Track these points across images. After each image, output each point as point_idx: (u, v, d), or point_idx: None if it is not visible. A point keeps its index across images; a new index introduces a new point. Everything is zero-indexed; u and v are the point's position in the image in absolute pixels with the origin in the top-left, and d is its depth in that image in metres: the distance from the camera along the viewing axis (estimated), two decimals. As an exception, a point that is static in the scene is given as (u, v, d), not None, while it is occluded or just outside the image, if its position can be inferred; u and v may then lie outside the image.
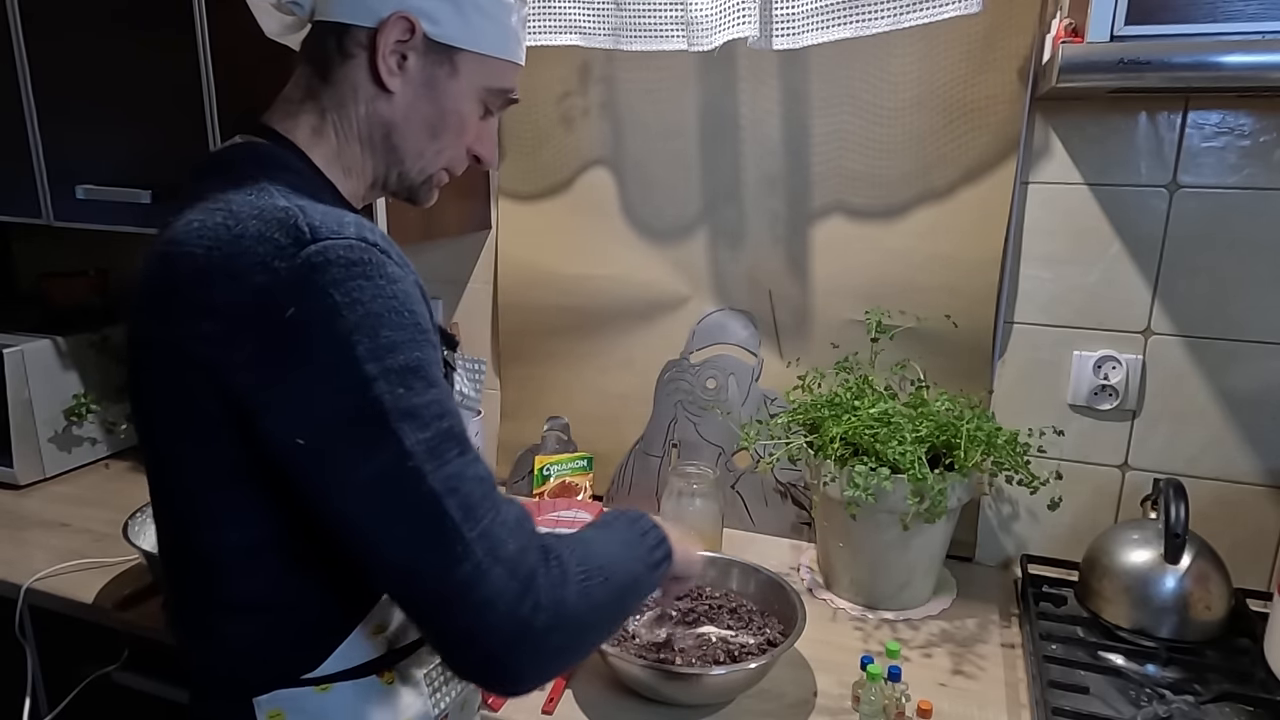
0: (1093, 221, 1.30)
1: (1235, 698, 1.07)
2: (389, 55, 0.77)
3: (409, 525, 0.66)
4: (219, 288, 0.67)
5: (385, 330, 0.66)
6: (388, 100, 0.80)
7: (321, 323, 0.65)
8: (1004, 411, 1.37)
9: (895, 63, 1.32)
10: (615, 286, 1.57)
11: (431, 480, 0.66)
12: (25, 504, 1.62)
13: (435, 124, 0.82)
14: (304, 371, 0.65)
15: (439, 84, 0.80)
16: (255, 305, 0.65)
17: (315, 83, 0.80)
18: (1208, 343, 1.28)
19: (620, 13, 1.34)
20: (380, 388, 0.65)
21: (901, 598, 1.29)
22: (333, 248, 0.66)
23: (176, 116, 1.40)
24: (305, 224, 0.67)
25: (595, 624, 0.74)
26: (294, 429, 0.66)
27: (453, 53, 0.80)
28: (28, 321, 1.80)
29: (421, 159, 0.84)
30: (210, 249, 0.68)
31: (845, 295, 1.43)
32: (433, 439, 0.66)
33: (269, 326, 0.65)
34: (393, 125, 0.81)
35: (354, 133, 0.81)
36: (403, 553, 0.66)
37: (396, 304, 0.67)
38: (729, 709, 1.07)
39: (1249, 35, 0.90)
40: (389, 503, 0.66)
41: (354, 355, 0.65)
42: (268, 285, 0.65)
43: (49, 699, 1.40)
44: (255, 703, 0.75)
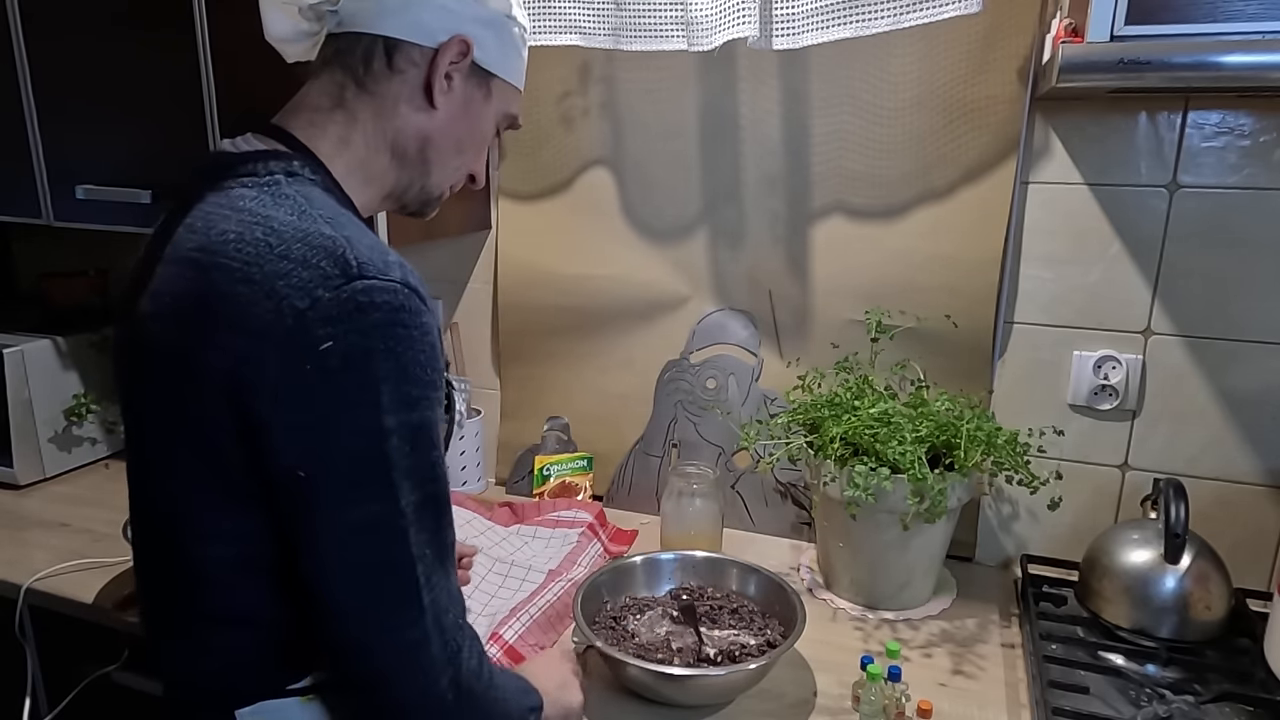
0: (1093, 221, 1.30)
1: (1235, 698, 1.07)
2: (443, 74, 0.81)
3: (377, 579, 0.68)
4: (255, 306, 0.66)
5: (410, 385, 0.68)
6: (429, 115, 0.82)
7: (357, 363, 0.65)
8: (1004, 411, 1.37)
9: (895, 63, 1.32)
10: (615, 286, 1.57)
11: (411, 543, 0.68)
12: (25, 504, 1.62)
13: (464, 141, 0.86)
14: (326, 407, 0.66)
15: (475, 107, 0.85)
16: (291, 329, 0.65)
17: (350, 92, 0.80)
18: (1208, 343, 1.28)
19: (620, 13, 1.34)
20: (393, 442, 0.67)
21: (901, 598, 1.29)
22: (380, 290, 0.67)
23: (176, 116, 1.40)
24: (354, 258, 0.67)
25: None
26: (300, 459, 0.66)
27: (489, 78, 0.85)
28: (28, 321, 1.80)
29: (445, 172, 0.87)
30: (249, 265, 0.67)
31: (845, 295, 1.43)
32: (421, 502, 0.69)
33: (301, 354, 0.65)
34: (429, 139, 0.83)
35: (386, 143, 0.82)
36: (360, 602, 0.69)
37: (423, 359, 0.69)
38: (729, 709, 1.07)
39: (1249, 35, 0.90)
40: (366, 553, 0.68)
41: (378, 403, 0.66)
42: (307, 312, 0.65)
43: (49, 699, 1.40)
44: (238, 715, 0.75)
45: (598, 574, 1.21)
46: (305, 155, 0.78)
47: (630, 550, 1.45)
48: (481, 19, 0.82)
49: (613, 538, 1.47)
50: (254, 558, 0.72)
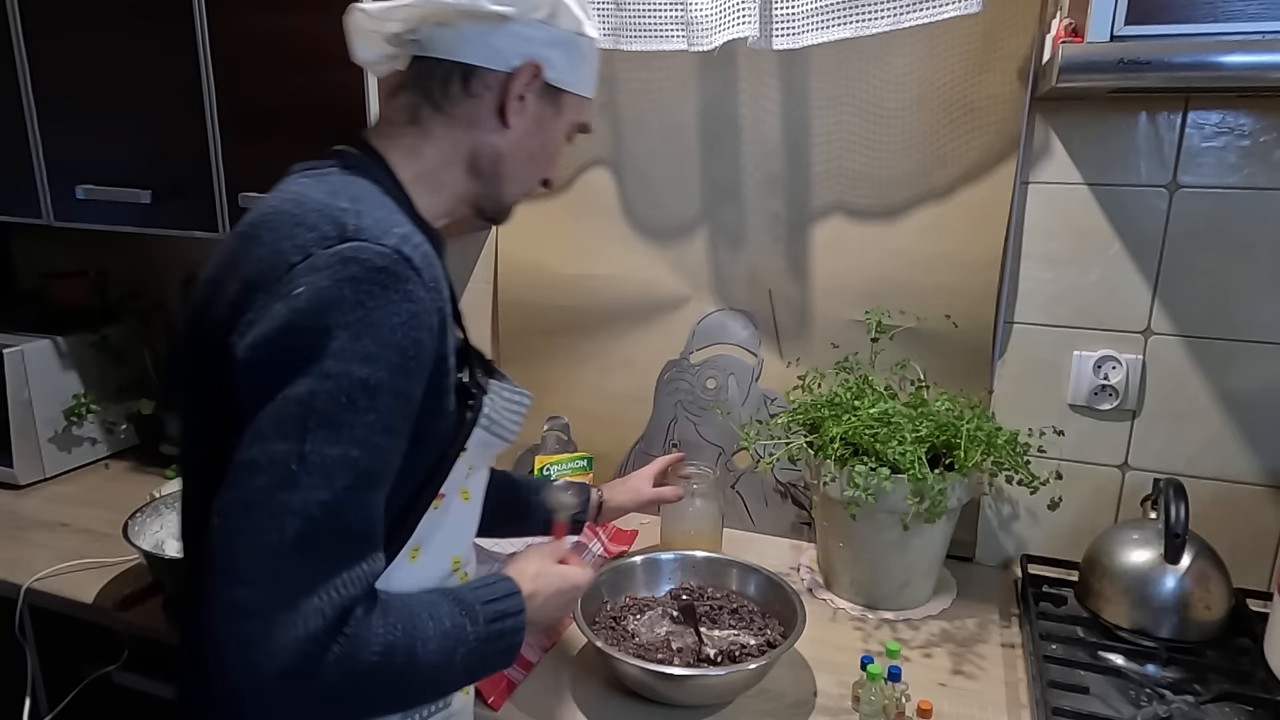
0: (1093, 221, 1.30)
1: (1235, 698, 1.07)
2: (516, 96, 0.84)
3: (238, 518, 0.65)
4: (261, 262, 0.72)
5: (368, 340, 0.68)
6: (503, 134, 0.86)
7: (320, 308, 0.67)
8: (1004, 411, 1.37)
9: (895, 63, 1.32)
10: (615, 286, 1.57)
11: (293, 495, 0.64)
12: (25, 504, 1.62)
13: (536, 155, 0.91)
14: (282, 342, 0.67)
15: (546, 122, 0.89)
16: (279, 279, 0.70)
17: (426, 112, 0.85)
18: (1208, 343, 1.28)
19: (620, 13, 1.34)
20: (324, 385, 0.66)
21: (901, 598, 1.29)
22: (366, 249, 0.70)
23: (176, 116, 1.40)
24: (353, 224, 0.72)
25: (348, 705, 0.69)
26: (251, 393, 0.67)
27: (560, 94, 0.88)
28: (28, 321, 1.80)
29: (518, 183, 0.92)
30: (270, 231, 0.74)
31: (845, 295, 1.43)
32: (335, 459, 0.66)
33: (278, 296, 0.69)
34: (502, 155, 0.87)
35: (460, 158, 0.86)
36: (221, 534, 0.65)
37: (398, 323, 0.69)
38: (729, 709, 1.07)
39: (1249, 35, 0.90)
40: (246, 485, 0.65)
41: (326, 348, 0.67)
42: (297, 265, 0.70)
43: (49, 699, 1.40)
44: None
45: (598, 574, 1.21)
46: (372, 157, 0.84)
47: (630, 550, 1.45)
48: (553, 40, 0.85)
49: (613, 538, 1.47)
50: None
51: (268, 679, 0.63)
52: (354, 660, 0.66)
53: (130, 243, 1.82)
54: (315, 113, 1.30)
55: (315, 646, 0.64)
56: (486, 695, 1.06)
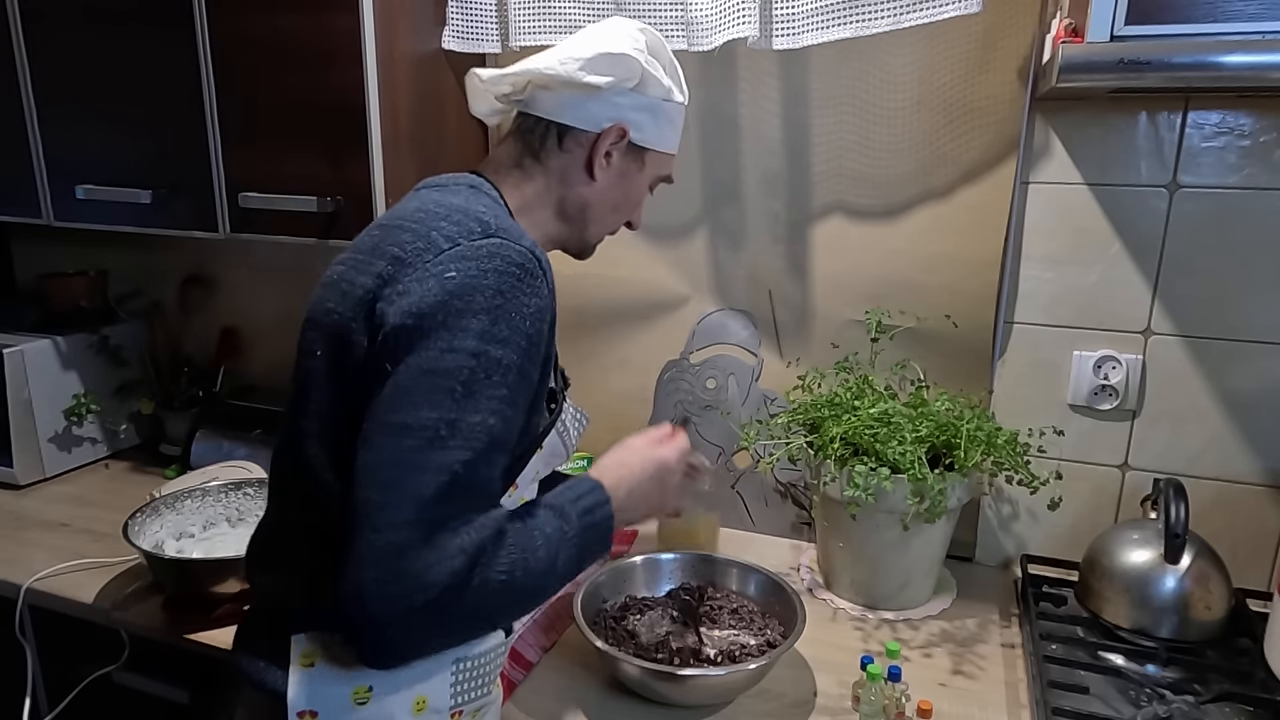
0: (1093, 221, 1.30)
1: (1235, 698, 1.07)
2: (603, 154, 0.95)
3: (390, 473, 0.73)
4: (410, 243, 0.80)
5: (504, 325, 0.77)
6: (590, 186, 0.97)
7: (468, 291, 0.76)
8: (1004, 411, 1.37)
9: (895, 63, 1.32)
10: (615, 286, 1.57)
11: (441, 455, 0.73)
12: (25, 504, 1.62)
13: (620, 205, 1.01)
14: (431, 316, 0.75)
15: (630, 176, 0.99)
16: (430, 259, 0.78)
17: (527, 160, 0.96)
18: (1208, 343, 1.28)
19: (619, 13, 1.33)
20: (468, 362, 0.75)
21: (901, 598, 1.29)
22: (508, 246, 0.80)
23: (176, 117, 1.40)
24: (494, 224, 0.82)
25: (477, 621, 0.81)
26: (393, 357, 0.75)
27: (644, 152, 0.99)
28: (28, 321, 1.80)
29: (601, 227, 1.02)
30: (416, 222, 0.83)
31: (845, 295, 1.43)
32: (476, 425, 0.75)
33: (430, 274, 0.77)
34: (588, 204, 0.98)
35: (552, 203, 0.97)
36: (374, 490, 0.73)
37: (528, 311, 0.78)
38: (729, 709, 1.07)
39: (1249, 35, 0.90)
40: (394, 446, 0.74)
41: (470, 327, 0.75)
42: (445, 250, 0.79)
43: (49, 699, 1.40)
44: (292, 639, 0.83)
45: (598, 574, 1.21)
46: (490, 184, 0.94)
47: (630, 550, 1.45)
48: (640, 106, 0.95)
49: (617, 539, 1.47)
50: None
51: (417, 609, 0.72)
52: (486, 586, 0.75)
53: (130, 243, 1.82)
54: (315, 113, 1.30)
55: (458, 579, 0.73)
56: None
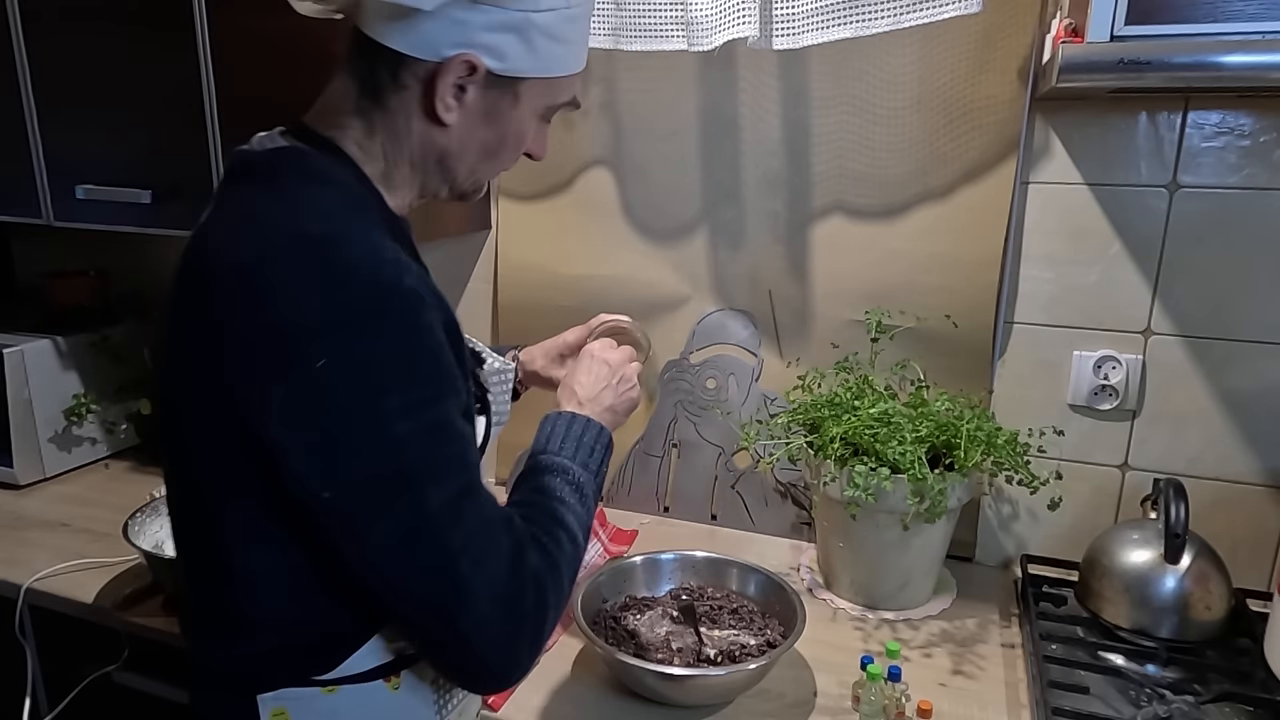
0: (1093, 221, 1.30)
1: (1235, 698, 1.07)
2: (447, 92, 0.74)
3: (423, 581, 0.69)
4: (249, 321, 0.65)
5: (417, 386, 0.67)
6: (442, 131, 0.77)
7: (354, 375, 0.64)
8: (1004, 411, 1.37)
9: (895, 63, 1.32)
10: (615, 286, 1.57)
11: (449, 539, 0.68)
12: (25, 504, 1.62)
13: (493, 147, 0.80)
14: (333, 425, 0.65)
15: (500, 112, 0.78)
16: (285, 346, 0.64)
17: (365, 103, 0.76)
18: (1208, 343, 1.28)
19: (620, 13, 1.33)
20: (410, 449, 0.66)
21: (901, 598, 1.29)
22: (368, 296, 0.65)
23: (176, 116, 1.40)
24: (340, 262, 0.65)
25: (564, 604, 0.79)
26: (320, 481, 0.66)
27: (517, 83, 0.77)
28: (28, 321, 1.80)
29: (475, 174, 0.83)
30: (240, 271, 0.66)
31: (845, 295, 1.43)
32: (454, 496, 0.68)
33: (298, 372, 0.64)
34: (447, 152, 0.79)
35: (405, 156, 0.78)
36: (416, 604, 0.70)
37: (430, 355, 0.68)
38: (729, 709, 1.07)
39: (1249, 35, 0.90)
40: (407, 559, 0.68)
41: (385, 413, 0.64)
42: (298, 325, 0.64)
43: (49, 699, 1.40)
44: (259, 699, 0.76)
45: (598, 574, 1.21)
46: (330, 152, 0.76)
47: (630, 550, 1.45)
48: (500, 24, 0.72)
49: (613, 538, 1.47)
50: (291, 564, 0.72)
51: (524, 657, 0.73)
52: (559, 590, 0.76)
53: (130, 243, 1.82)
54: (315, 113, 1.30)
55: (531, 615, 0.72)
56: (486, 696, 1.06)
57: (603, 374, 0.94)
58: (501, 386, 0.96)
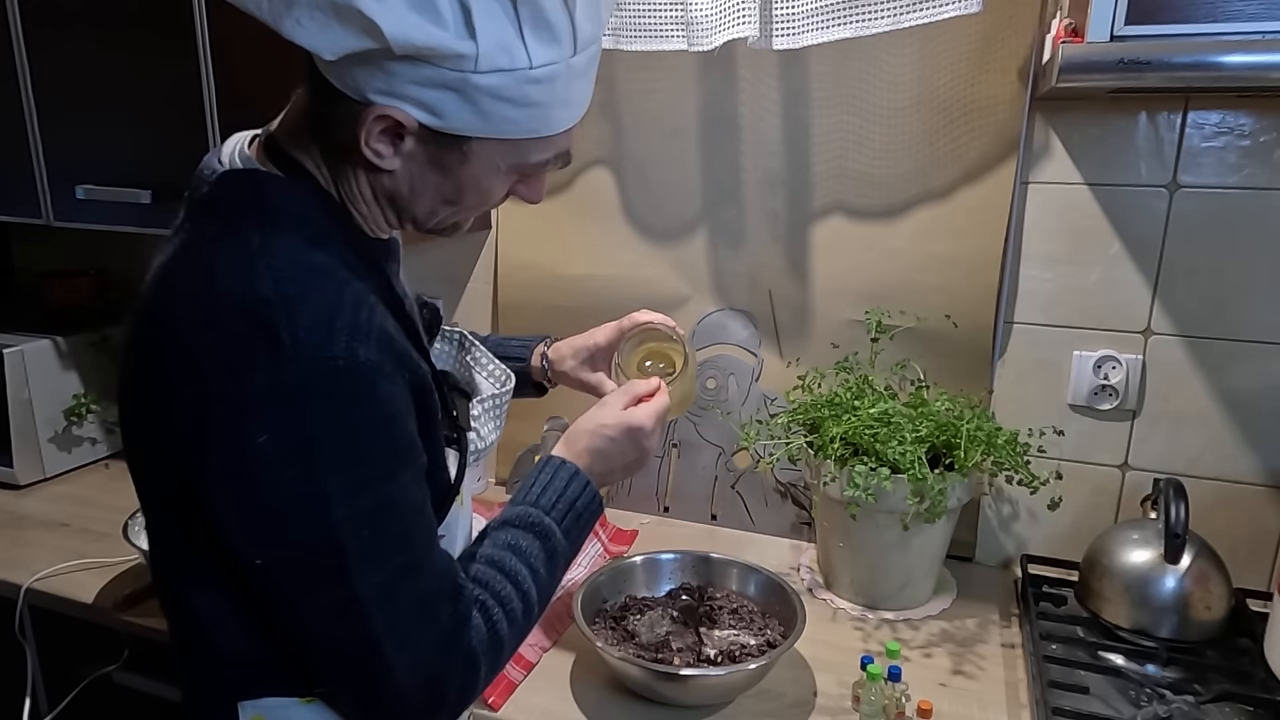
0: (1093, 221, 1.30)
1: (1235, 698, 1.07)
2: (374, 141, 0.67)
3: (343, 656, 0.69)
4: (192, 386, 0.63)
5: (362, 468, 0.64)
6: (387, 175, 0.70)
7: (294, 455, 0.62)
8: (1004, 411, 1.37)
9: (895, 63, 1.32)
10: (615, 286, 1.57)
11: (375, 623, 0.66)
12: (25, 504, 1.62)
13: (451, 196, 0.73)
14: (270, 502, 0.63)
15: (449, 166, 0.70)
16: (226, 419, 0.62)
17: (317, 126, 0.70)
18: (1208, 343, 1.28)
19: (620, 13, 1.33)
20: (346, 532, 0.63)
21: (901, 598, 1.29)
22: (314, 370, 0.61)
23: (176, 116, 1.40)
24: (287, 333, 0.61)
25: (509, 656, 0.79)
26: (253, 551, 0.66)
27: (463, 141, 0.68)
28: (28, 321, 1.80)
29: (436, 218, 0.76)
30: (183, 332, 0.64)
31: (845, 295, 1.43)
32: (387, 578, 0.67)
33: (238, 447, 0.62)
34: (396, 194, 0.72)
35: (358, 194, 0.73)
36: (333, 673, 0.71)
37: (379, 435, 0.65)
38: (729, 709, 1.07)
39: (1249, 35, 0.90)
40: (332, 634, 0.68)
41: (324, 495, 0.62)
42: (239, 400, 0.61)
43: (49, 699, 1.40)
44: (240, 706, 0.76)
45: (598, 574, 1.21)
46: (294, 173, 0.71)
47: (630, 550, 1.45)
48: (433, 81, 0.63)
49: (613, 538, 1.47)
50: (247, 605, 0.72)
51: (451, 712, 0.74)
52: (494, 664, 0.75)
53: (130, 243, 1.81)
54: (315, 113, 1.30)
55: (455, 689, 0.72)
56: (486, 695, 1.06)
57: (627, 450, 0.87)
58: (495, 413, 0.91)
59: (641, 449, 0.88)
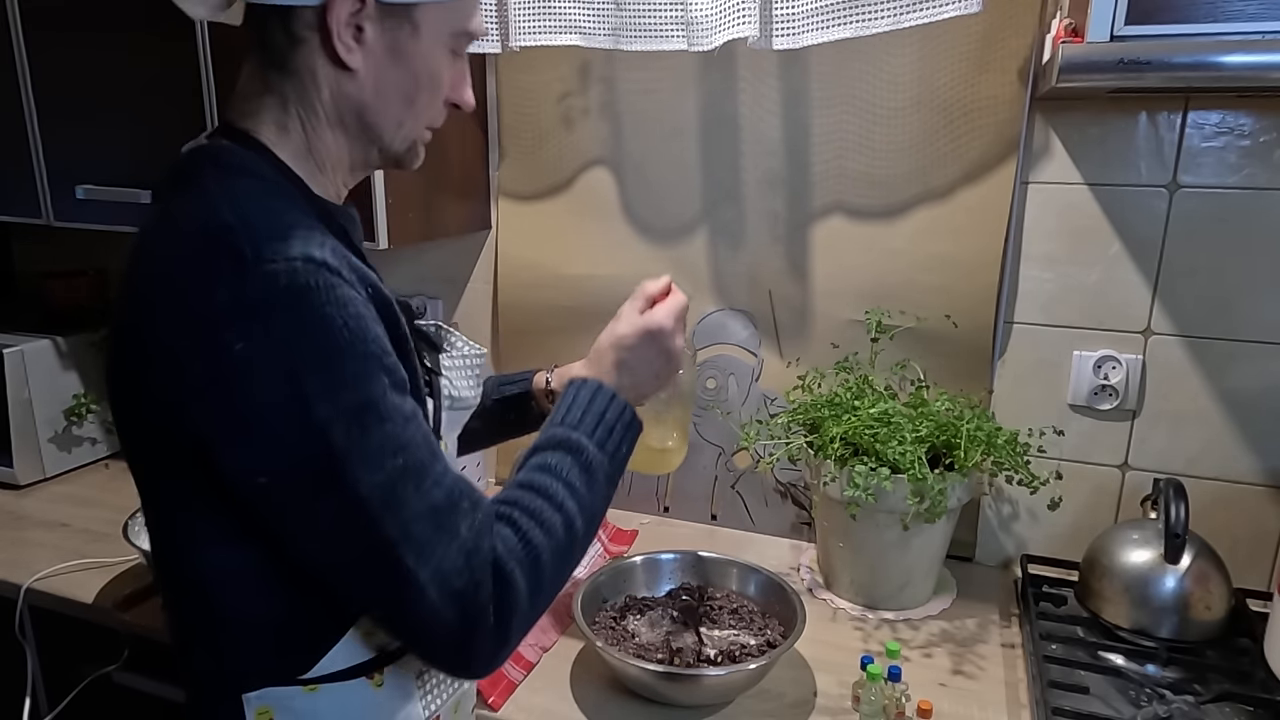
0: (1093, 221, 1.30)
1: (1235, 698, 1.07)
2: (344, 32, 0.72)
3: (363, 570, 0.68)
4: (165, 319, 0.66)
5: (335, 365, 0.64)
6: (352, 79, 0.74)
7: (270, 359, 0.63)
8: (1004, 411, 1.37)
9: (895, 63, 1.32)
10: (615, 286, 1.56)
11: (384, 526, 0.66)
12: (25, 504, 1.62)
13: (409, 90, 0.77)
14: (253, 412, 0.64)
15: (403, 48, 0.75)
16: (201, 338, 0.64)
17: (272, 73, 0.74)
18: (1208, 343, 1.28)
19: (620, 13, 1.33)
20: (333, 431, 0.64)
21: (901, 598, 1.29)
22: (275, 274, 0.63)
23: (176, 116, 1.40)
24: (248, 246, 0.64)
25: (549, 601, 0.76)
26: (253, 466, 0.66)
27: (410, 10, 0.74)
28: (28, 321, 1.80)
29: (401, 129, 0.79)
30: (157, 276, 0.67)
31: (845, 295, 1.43)
32: (387, 480, 0.66)
33: (217, 362, 0.63)
34: (364, 105, 0.76)
35: (323, 121, 0.76)
36: (361, 593, 0.70)
37: (347, 333, 0.65)
38: (729, 709, 1.07)
39: (1249, 35, 0.90)
40: (343, 548, 0.67)
41: (303, 395, 0.63)
42: (211, 317, 0.63)
43: (49, 699, 1.40)
44: (244, 699, 0.76)
45: (598, 574, 1.21)
46: (246, 143, 0.75)
47: (630, 550, 1.45)
48: None
49: (613, 538, 1.47)
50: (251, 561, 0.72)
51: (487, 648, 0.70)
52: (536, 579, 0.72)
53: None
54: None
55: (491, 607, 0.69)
56: (486, 695, 1.06)
57: (651, 356, 0.86)
58: (466, 372, 0.90)
59: (665, 350, 0.87)
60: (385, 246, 1.33)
